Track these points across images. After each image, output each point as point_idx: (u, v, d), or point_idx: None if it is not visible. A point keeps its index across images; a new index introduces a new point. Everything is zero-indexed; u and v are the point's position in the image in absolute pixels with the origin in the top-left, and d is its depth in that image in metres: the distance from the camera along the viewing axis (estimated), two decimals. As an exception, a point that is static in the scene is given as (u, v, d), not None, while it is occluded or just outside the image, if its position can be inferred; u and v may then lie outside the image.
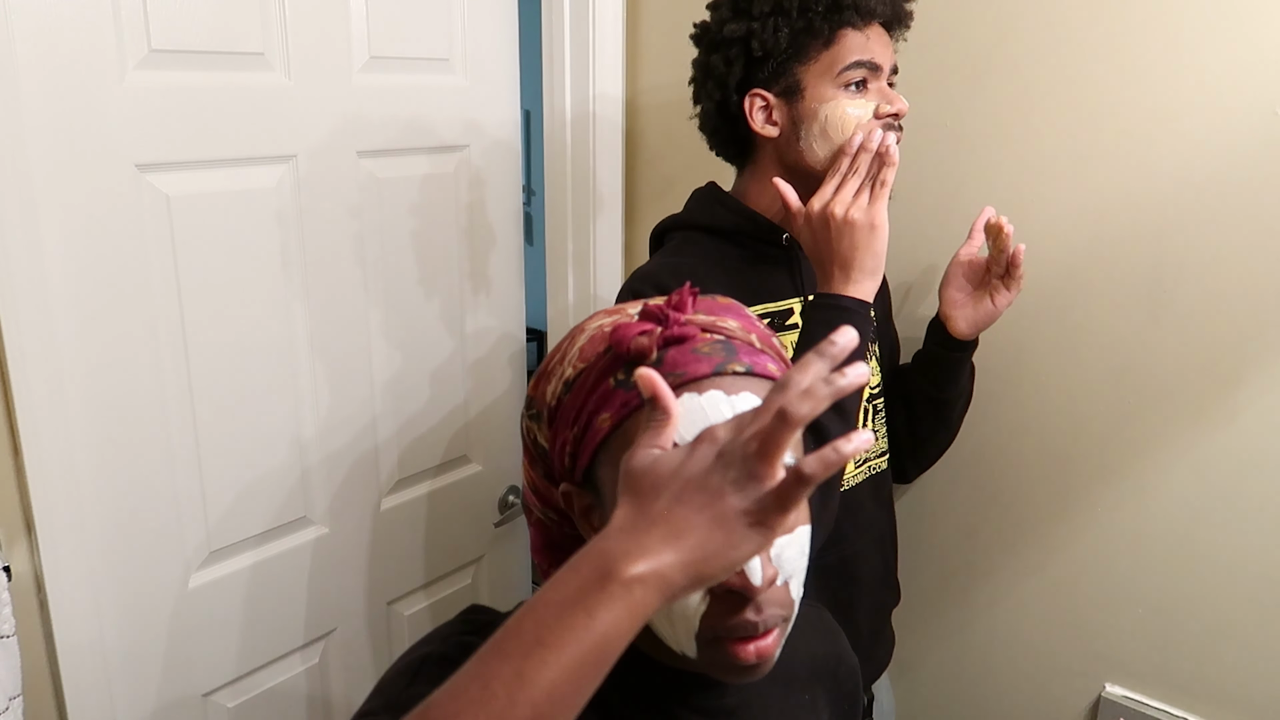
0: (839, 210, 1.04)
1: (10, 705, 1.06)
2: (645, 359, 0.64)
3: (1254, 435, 1.20)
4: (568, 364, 0.69)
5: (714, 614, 0.62)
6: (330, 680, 1.57)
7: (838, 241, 1.04)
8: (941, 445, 1.33)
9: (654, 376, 0.57)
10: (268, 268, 1.33)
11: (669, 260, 1.17)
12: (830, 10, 1.05)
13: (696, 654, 0.64)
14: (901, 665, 1.49)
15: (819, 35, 1.06)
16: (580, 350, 0.68)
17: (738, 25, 1.09)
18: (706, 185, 1.23)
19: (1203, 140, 1.17)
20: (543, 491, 0.75)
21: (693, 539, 0.52)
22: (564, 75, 1.61)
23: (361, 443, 1.52)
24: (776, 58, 1.08)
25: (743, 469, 0.52)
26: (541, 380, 0.71)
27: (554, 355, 0.72)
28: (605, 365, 0.66)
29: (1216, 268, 1.19)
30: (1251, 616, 1.25)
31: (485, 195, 1.63)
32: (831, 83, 1.08)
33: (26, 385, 1.09)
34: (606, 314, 0.72)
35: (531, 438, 0.73)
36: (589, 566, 0.52)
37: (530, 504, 0.79)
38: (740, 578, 0.60)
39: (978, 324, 1.19)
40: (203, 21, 1.20)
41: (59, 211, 1.12)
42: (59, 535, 1.15)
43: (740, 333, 0.69)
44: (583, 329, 0.71)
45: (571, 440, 0.67)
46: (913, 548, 1.45)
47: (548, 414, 0.69)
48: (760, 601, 0.62)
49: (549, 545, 0.80)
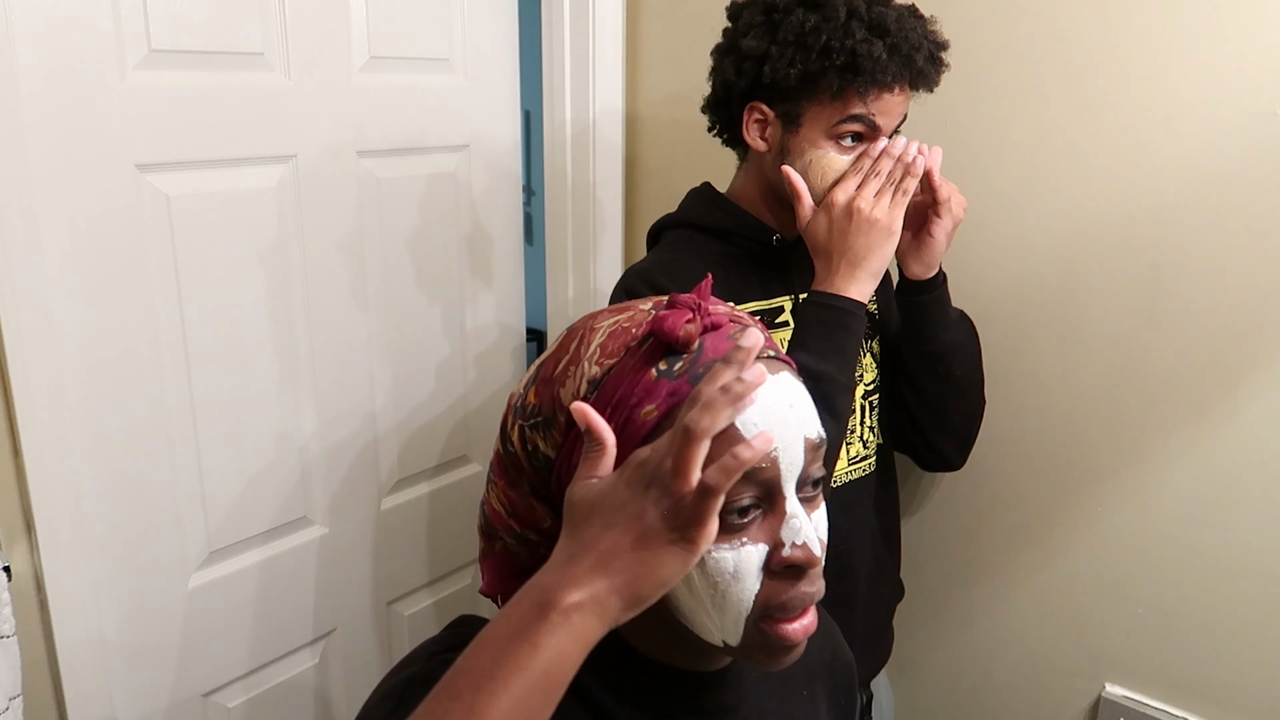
0: (865, 205, 1.04)
1: (10, 705, 1.06)
2: (689, 347, 0.63)
3: (1254, 435, 1.20)
4: (588, 363, 0.66)
5: (771, 591, 0.63)
6: (330, 680, 1.57)
7: (855, 237, 1.04)
8: (962, 412, 1.27)
9: (586, 409, 0.60)
10: (268, 268, 1.33)
11: (663, 258, 1.18)
12: (846, 69, 1.03)
13: (741, 639, 0.65)
14: (901, 664, 1.49)
15: (830, 86, 1.05)
16: (601, 348, 0.66)
17: (758, 43, 1.07)
18: (702, 185, 1.25)
19: (1202, 140, 1.17)
20: (523, 512, 0.71)
21: (619, 562, 0.55)
22: (564, 74, 1.61)
23: (362, 443, 1.52)
24: (784, 87, 1.07)
25: (661, 488, 0.55)
26: (548, 385, 0.67)
27: (555, 359, 0.68)
28: (644, 356, 0.64)
29: (1216, 268, 1.19)
30: (1251, 616, 1.25)
31: (485, 195, 1.63)
32: (826, 131, 1.07)
33: (26, 385, 1.09)
34: (611, 313, 0.70)
35: (527, 449, 0.69)
36: (529, 600, 0.55)
37: (498, 529, 0.74)
38: (803, 550, 0.62)
39: (926, 260, 1.15)
40: (203, 21, 1.20)
41: (59, 211, 1.12)
42: (59, 535, 1.15)
43: (753, 322, 0.70)
44: (591, 328, 0.68)
45: None
46: (913, 547, 1.45)
47: (566, 417, 0.65)
48: (813, 574, 0.64)
49: (517, 573, 0.76)
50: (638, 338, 0.65)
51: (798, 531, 0.63)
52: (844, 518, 1.19)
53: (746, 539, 0.63)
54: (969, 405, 1.27)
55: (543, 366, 0.69)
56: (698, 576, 0.63)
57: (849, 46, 1.02)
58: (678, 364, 0.63)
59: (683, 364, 0.63)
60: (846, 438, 1.19)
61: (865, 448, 1.22)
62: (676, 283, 1.05)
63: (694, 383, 0.62)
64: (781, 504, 0.63)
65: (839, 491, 1.18)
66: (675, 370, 0.63)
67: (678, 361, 0.63)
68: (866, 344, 1.23)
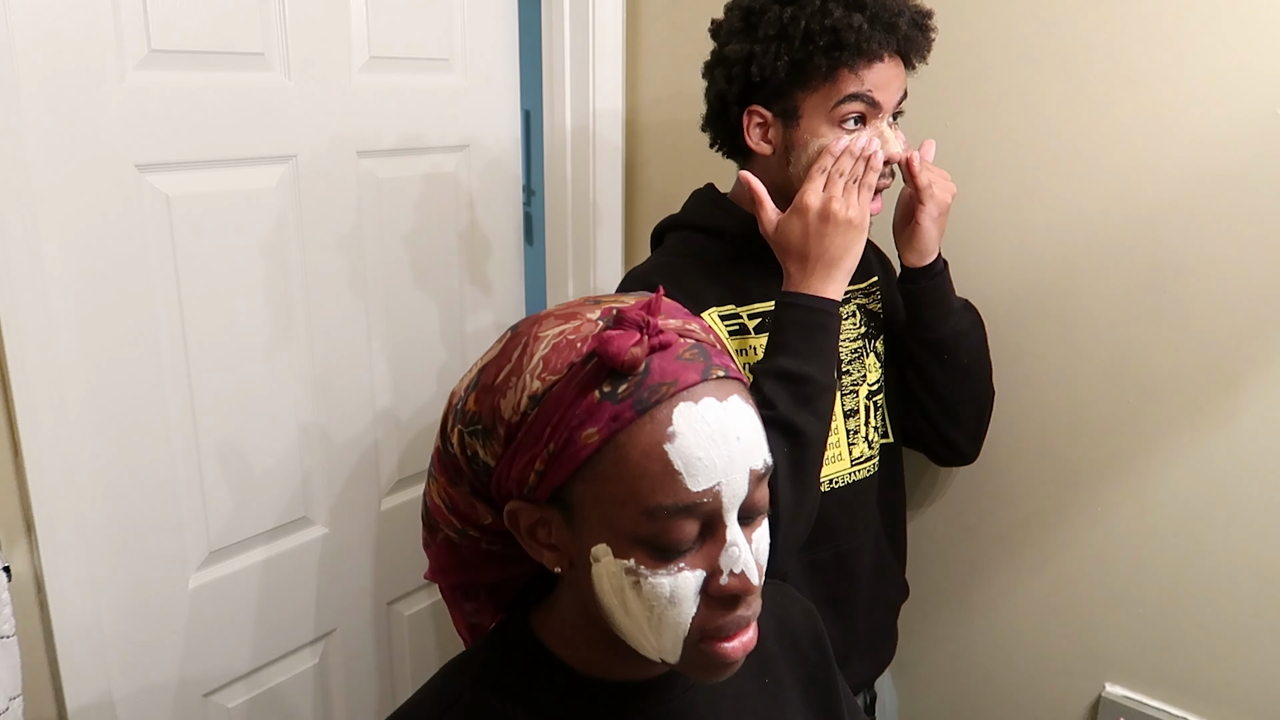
0: (839, 208, 1.04)
1: (10, 705, 1.06)
2: (635, 370, 0.61)
3: (1254, 435, 1.20)
4: (529, 376, 0.64)
5: (708, 615, 0.63)
6: (331, 680, 1.56)
7: (831, 238, 1.04)
8: (971, 401, 1.26)
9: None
10: (268, 268, 1.33)
11: (663, 261, 1.18)
12: (831, 47, 1.03)
13: (680, 657, 0.64)
14: (902, 664, 1.49)
15: (819, 70, 1.05)
16: (544, 361, 0.64)
17: (741, 46, 1.08)
18: (705, 187, 1.24)
19: (1203, 139, 1.17)
20: (463, 509, 0.72)
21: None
22: (564, 74, 1.61)
23: (362, 442, 1.52)
24: (775, 83, 1.07)
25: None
26: (488, 394, 0.66)
27: (497, 366, 0.66)
28: (587, 377, 0.62)
29: (1216, 267, 1.19)
30: (1251, 616, 1.25)
31: (485, 195, 1.63)
32: (827, 117, 1.07)
33: (26, 385, 1.09)
34: (558, 319, 0.67)
35: (467, 454, 0.68)
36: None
37: (439, 522, 0.75)
38: (739, 580, 0.61)
39: (919, 248, 1.15)
40: (203, 21, 1.20)
41: (59, 212, 1.12)
42: (59, 535, 1.15)
43: (704, 335, 0.68)
44: (535, 337, 0.66)
45: (545, 457, 0.63)
46: (913, 547, 1.45)
47: (505, 430, 0.64)
48: (749, 599, 0.63)
49: (460, 564, 0.76)
50: (582, 354, 0.63)
51: (735, 560, 0.62)
52: (846, 518, 1.19)
53: (684, 564, 0.62)
54: (977, 394, 1.27)
55: (484, 372, 0.67)
56: (634, 600, 0.62)
57: (829, 25, 1.02)
58: (622, 386, 0.61)
59: (627, 386, 0.61)
60: (850, 439, 1.19)
61: (870, 448, 1.22)
62: (677, 287, 1.05)
63: (637, 408, 0.60)
64: (722, 532, 0.62)
65: (842, 492, 1.18)
66: (620, 393, 0.61)
67: (622, 383, 0.61)
68: (870, 344, 1.23)
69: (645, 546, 0.61)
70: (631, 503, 0.61)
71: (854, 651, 1.22)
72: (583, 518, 0.63)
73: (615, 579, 0.63)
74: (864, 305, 1.23)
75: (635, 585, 0.62)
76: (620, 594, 0.63)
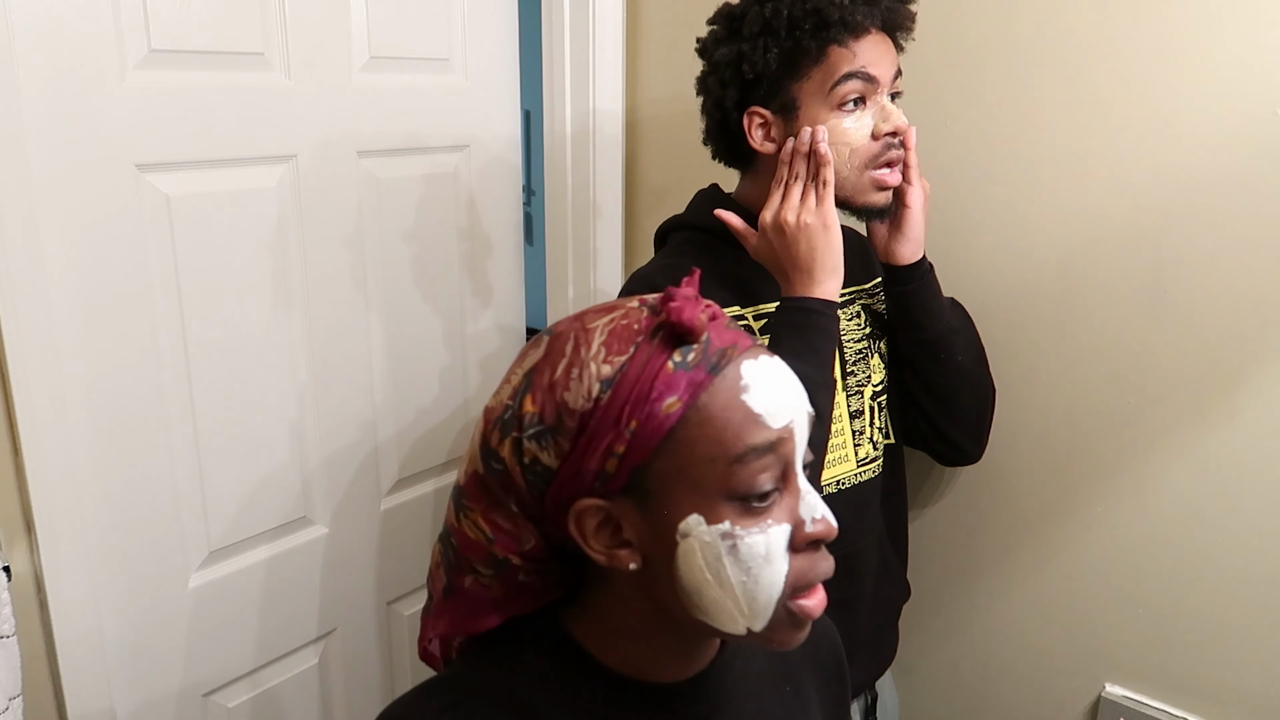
0: (790, 216, 1.06)
1: (10, 705, 1.06)
2: (700, 337, 0.64)
3: (1254, 435, 1.20)
4: (594, 363, 0.64)
5: (797, 570, 0.66)
6: (330, 680, 1.57)
7: (795, 247, 1.07)
8: (971, 399, 1.25)
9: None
10: (268, 268, 1.33)
11: (667, 262, 1.18)
12: (818, 28, 1.04)
13: (768, 621, 0.66)
14: (903, 664, 1.49)
15: (809, 53, 1.06)
16: (605, 347, 0.64)
17: (729, 49, 1.10)
18: (710, 187, 1.25)
19: (1203, 140, 1.17)
20: (505, 534, 0.68)
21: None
22: (564, 74, 1.61)
23: (362, 442, 1.52)
24: (769, 78, 1.08)
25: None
26: (549, 392, 0.65)
27: (549, 365, 0.66)
28: (656, 352, 0.64)
29: (1216, 268, 1.19)
30: (1251, 616, 1.25)
31: (485, 195, 1.63)
32: (825, 102, 1.07)
33: (26, 385, 1.09)
34: (598, 313, 0.67)
35: (523, 462, 0.66)
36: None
37: (471, 561, 0.70)
38: (823, 523, 0.66)
39: (909, 235, 1.15)
40: (203, 21, 1.20)
41: (59, 211, 1.12)
42: (59, 535, 1.15)
43: None
44: (585, 329, 0.66)
45: (626, 438, 0.63)
46: (914, 547, 1.45)
47: (575, 423, 0.64)
48: (825, 549, 0.67)
49: (491, 606, 0.72)
50: (644, 331, 0.65)
51: (814, 506, 0.66)
52: (852, 520, 1.18)
53: (771, 520, 0.65)
54: (977, 391, 1.26)
55: (534, 374, 0.66)
56: (730, 566, 0.64)
57: (811, 8, 1.04)
58: (690, 354, 0.64)
59: (695, 354, 0.64)
60: (856, 439, 1.19)
61: (875, 449, 1.22)
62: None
63: (711, 370, 0.63)
64: (794, 481, 0.66)
65: (848, 493, 1.18)
66: (689, 361, 0.63)
67: (690, 352, 0.64)
68: (875, 344, 1.23)
69: (737, 502, 0.64)
70: (721, 456, 0.63)
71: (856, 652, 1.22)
72: (665, 495, 0.64)
73: (710, 548, 0.64)
74: (868, 305, 1.23)
75: (732, 549, 0.64)
76: (715, 564, 0.64)
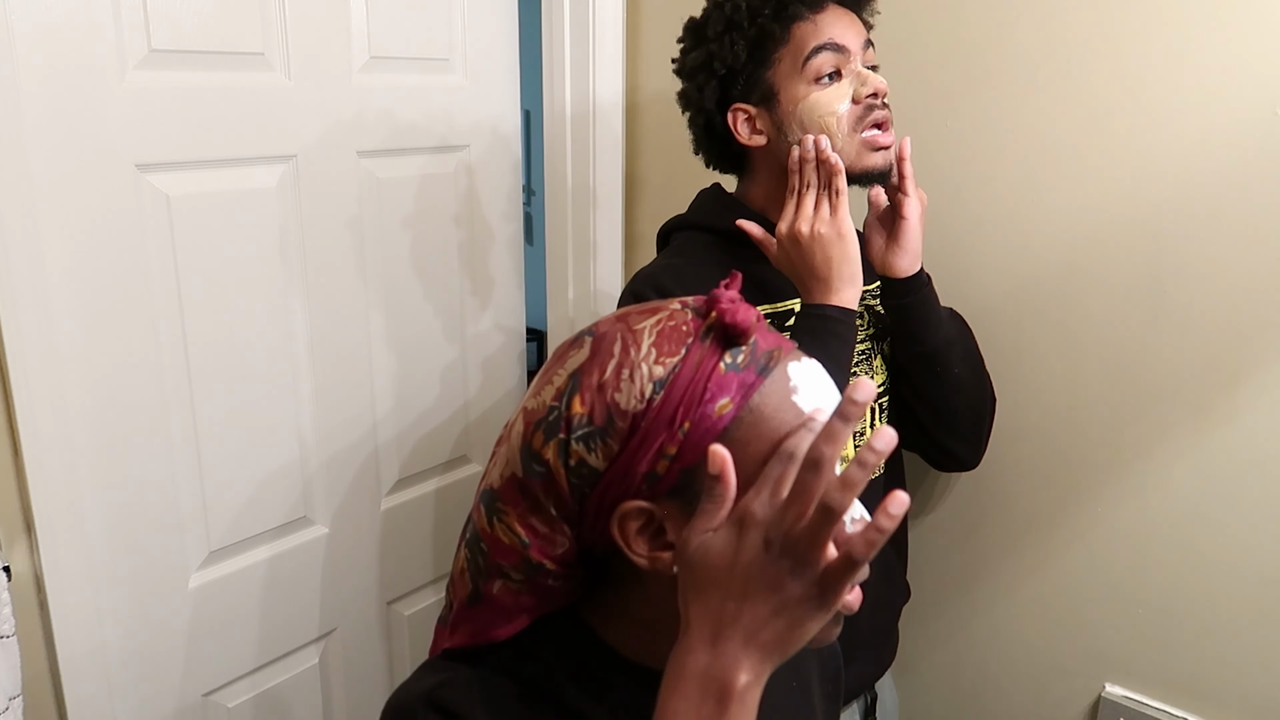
0: (805, 227, 1.07)
1: (10, 705, 1.06)
2: (749, 338, 0.65)
3: (1254, 435, 1.20)
4: (646, 365, 0.63)
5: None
6: (331, 680, 1.57)
7: (811, 258, 1.07)
8: (968, 410, 1.25)
9: (725, 456, 0.60)
10: (268, 268, 1.33)
11: (670, 262, 1.18)
12: (777, 11, 1.07)
13: None
14: (902, 664, 1.49)
15: (773, 36, 1.08)
16: (656, 348, 0.64)
17: (698, 52, 1.12)
18: (711, 186, 1.25)
19: (1203, 140, 1.17)
20: (542, 537, 0.67)
21: (767, 633, 0.57)
22: (564, 74, 1.61)
23: (362, 443, 1.52)
24: (742, 71, 1.09)
25: (795, 559, 0.56)
26: (598, 393, 0.64)
27: (597, 366, 0.65)
28: (707, 354, 0.63)
29: (1216, 268, 1.19)
30: (1251, 616, 1.25)
31: (485, 195, 1.63)
32: (801, 79, 1.08)
33: (26, 385, 1.09)
34: (643, 314, 0.67)
35: (570, 464, 0.64)
36: (700, 692, 0.58)
37: (503, 566, 0.69)
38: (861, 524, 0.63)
39: (906, 245, 1.14)
40: (203, 21, 1.20)
41: (59, 211, 1.12)
42: (59, 535, 1.15)
43: None
44: (632, 329, 0.65)
45: (679, 439, 0.62)
46: (913, 547, 1.45)
47: (627, 424, 0.63)
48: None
49: (520, 609, 0.71)
50: (694, 333, 0.64)
51: (853, 508, 0.65)
52: None
53: None
54: (973, 402, 1.26)
55: (580, 375, 0.65)
56: None
57: None
58: (740, 356, 0.64)
59: (744, 356, 0.64)
60: (858, 441, 1.19)
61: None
62: (685, 287, 1.05)
63: (761, 372, 0.64)
64: None
65: None
66: (740, 363, 0.64)
67: (739, 354, 0.64)
68: (878, 345, 1.23)
69: None
70: None
71: (856, 653, 1.22)
72: None
73: None
74: (871, 307, 1.23)
75: None
76: None
